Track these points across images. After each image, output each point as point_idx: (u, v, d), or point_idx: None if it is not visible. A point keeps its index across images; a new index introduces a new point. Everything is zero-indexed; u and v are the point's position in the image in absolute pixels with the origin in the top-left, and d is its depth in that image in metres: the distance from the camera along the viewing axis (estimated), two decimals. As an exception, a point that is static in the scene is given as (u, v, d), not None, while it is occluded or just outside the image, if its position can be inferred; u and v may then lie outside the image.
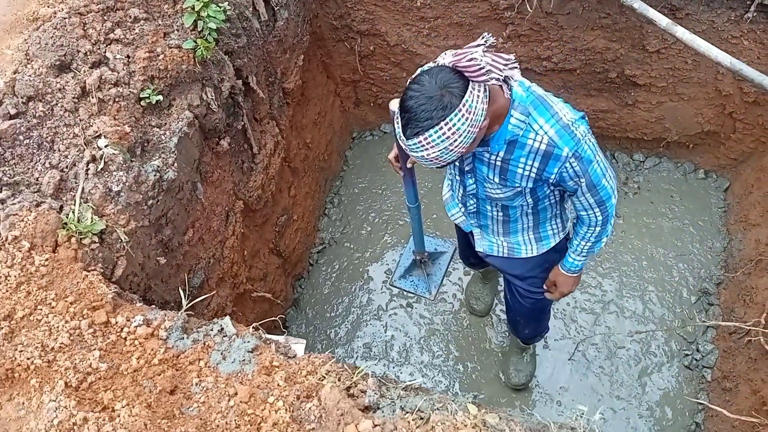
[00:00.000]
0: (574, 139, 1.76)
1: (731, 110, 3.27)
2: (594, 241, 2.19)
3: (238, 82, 2.43)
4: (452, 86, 1.54)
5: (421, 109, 1.55)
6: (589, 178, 1.86)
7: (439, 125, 1.54)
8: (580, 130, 1.78)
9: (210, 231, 2.48)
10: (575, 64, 3.21)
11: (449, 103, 1.53)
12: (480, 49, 1.55)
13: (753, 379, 2.84)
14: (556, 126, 1.76)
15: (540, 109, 1.77)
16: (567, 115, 1.78)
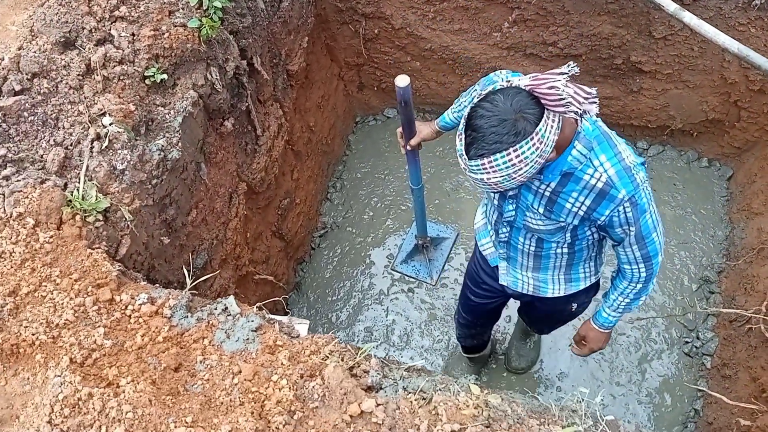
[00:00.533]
0: (633, 183, 1.66)
1: (736, 98, 3.26)
2: (633, 298, 2.06)
3: (242, 63, 2.42)
4: (528, 112, 1.45)
5: (491, 131, 1.47)
6: (639, 228, 1.77)
7: (507, 151, 1.47)
8: (640, 175, 1.69)
9: (213, 212, 2.48)
10: (581, 50, 3.19)
11: (523, 129, 1.45)
12: (563, 78, 1.48)
13: (753, 366, 2.85)
14: (617, 166, 1.65)
15: (604, 146, 1.67)
16: (629, 157, 1.68)
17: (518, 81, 1.54)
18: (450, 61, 3.55)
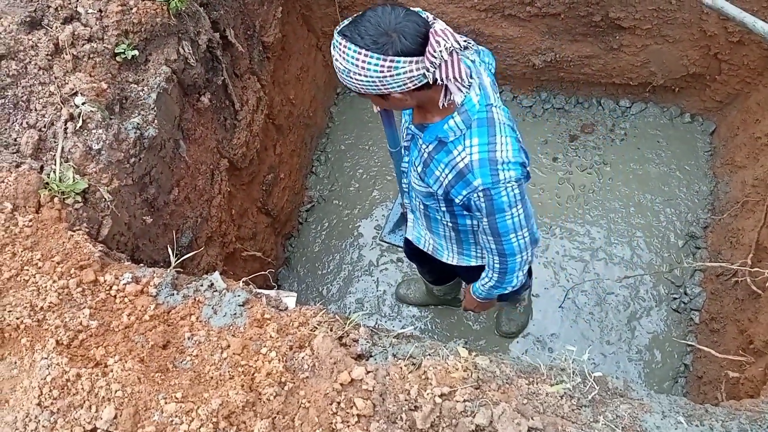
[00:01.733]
0: (493, 177, 1.67)
1: (716, 51, 3.24)
2: (494, 285, 2.08)
3: (215, 35, 2.37)
4: (405, 41, 1.47)
5: (366, 25, 1.48)
6: (494, 223, 1.78)
7: (360, 50, 1.47)
8: (507, 173, 1.68)
9: (196, 190, 2.46)
10: (559, 8, 3.15)
11: (383, 45, 1.46)
12: (457, 46, 1.49)
13: (740, 319, 2.89)
14: (483, 155, 1.66)
15: (482, 130, 1.67)
16: (504, 153, 1.67)
17: (433, 20, 1.54)
18: (429, 27, 3.50)
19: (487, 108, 1.69)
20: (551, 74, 3.68)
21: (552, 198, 3.68)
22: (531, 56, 3.55)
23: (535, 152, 3.80)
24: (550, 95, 3.91)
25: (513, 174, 1.69)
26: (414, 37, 1.49)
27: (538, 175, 3.74)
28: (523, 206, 1.79)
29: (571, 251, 3.53)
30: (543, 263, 3.51)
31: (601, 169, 3.72)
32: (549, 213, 3.64)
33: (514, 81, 3.86)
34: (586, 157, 3.76)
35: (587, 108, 3.89)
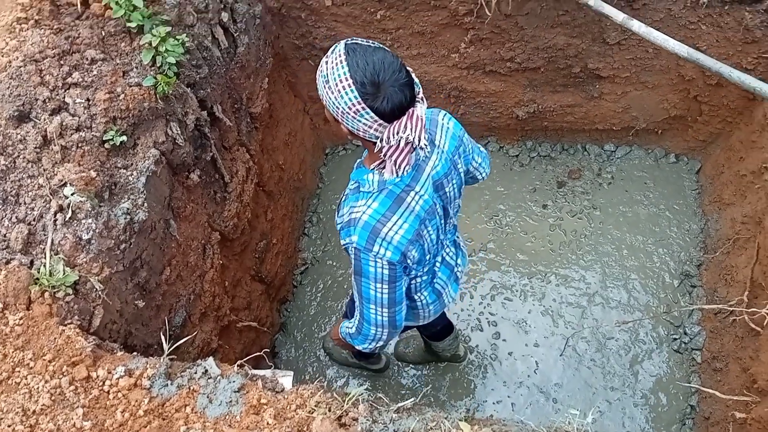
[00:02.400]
0: (368, 244, 1.71)
1: (696, 94, 3.31)
2: (349, 332, 2.08)
3: (203, 114, 2.41)
4: (385, 104, 1.50)
5: (371, 63, 1.48)
6: (359, 284, 1.83)
7: (348, 77, 1.49)
8: (382, 250, 1.72)
9: (188, 267, 2.45)
10: (539, 63, 3.22)
11: (368, 93, 1.49)
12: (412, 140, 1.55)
13: (741, 357, 2.87)
14: (372, 220, 1.70)
15: (385, 201, 1.71)
16: (391, 232, 1.71)
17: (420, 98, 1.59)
18: (412, 85, 3.57)
19: (405, 188, 1.73)
20: (535, 124, 3.74)
21: (545, 245, 3.69)
22: (514, 108, 3.61)
23: (525, 200, 3.82)
24: (535, 143, 3.96)
25: (387, 254, 1.73)
26: (395, 107, 1.52)
27: (530, 223, 3.76)
28: (389, 289, 1.82)
29: (568, 297, 3.53)
30: (541, 312, 3.49)
31: (591, 214, 3.74)
32: (543, 260, 3.64)
33: (500, 132, 3.91)
34: (575, 203, 3.79)
35: (573, 154, 3.94)
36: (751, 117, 3.24)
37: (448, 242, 2.19)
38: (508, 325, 3.49)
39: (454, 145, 1.89)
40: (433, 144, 1.82)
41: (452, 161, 1.87)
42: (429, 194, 1.80)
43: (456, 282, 2.30)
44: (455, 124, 1.92)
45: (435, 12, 3.00)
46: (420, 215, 1.77)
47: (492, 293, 3.59)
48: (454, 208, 2.02)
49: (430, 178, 1.80)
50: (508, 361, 3.39)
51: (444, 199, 1.90)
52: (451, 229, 2.16)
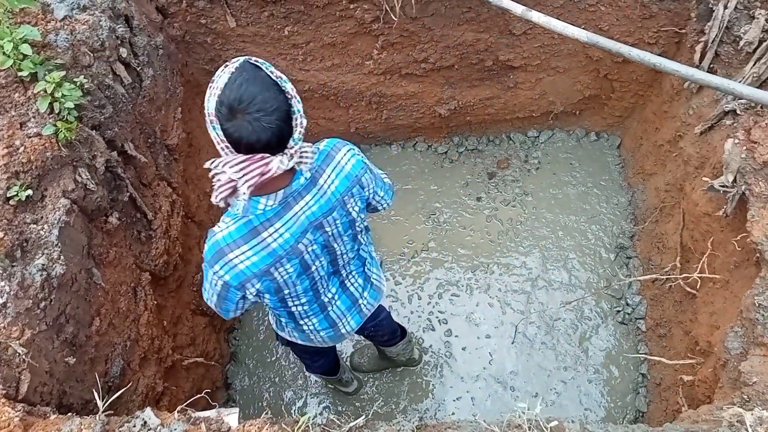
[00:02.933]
0: (211, 260, 1.76)
1: (605, 72, 3.41)
2: None
3: (113, 154, 2.32)
4: (237, 133, 1.50)
5: (246, 88, 1.48)
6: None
7: (219, 86, 1.53)
8: (221, 270, 1.76)
9: (119, 313, 2.36)
10: (452, 60, 3.25)
11: (228, 114, 1.50)
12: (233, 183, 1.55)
13: (682, 321, 2.97)
14: (222, 242, 1.72)
15: (240, 228, 1.71)
16: (236, 257, 1.73)
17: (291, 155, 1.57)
18: (332, 97, 3.55)
19: (264, 221, 1.72)
20: (458, 120, 3.78)
21: (483, 237, 3.73)
22: (435, 107, 3.64)
23: (459, 196, 3.86)
24: (462, 139, 4.01)
25: (226, 277, 1.76)
26: (241, 139, 1.49)
27: (466, 217, 3.80)
28: (218, 297, 1.89)
29: (512, 285, 3.58)
30: (488, 303, 3.53)
31: (524, 200, 3.81)
32: (484, 252, 3.68)
33: (425, 131, 3.94)
34: (507, 192, 3.85)
35: (499, 144, 4.00)
36: (661, 88, 3.35)
37: (356, 274, 2.20)
38: (459, 320, 3.51)
39: (346, 186, 1.85)
40: (314, 182, 1.78)
41: (340, 200, 1.85)
42: (292, 234, 1.77)
43: (359, 314, 2.30)
44: (356, 163, 1.88)
45: (342, 22, 2.98)
46: (276, 252, 1.76)
47: (439, 291, 3.61)
48: (346, 243, 2.00)
49: (301, 218, 1.77)
50: (462, 357, 3.41)
51: (326, 237, 1.89)
52: (355, 261, 2.15)
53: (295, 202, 1.74)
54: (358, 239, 2.07)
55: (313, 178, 1.78)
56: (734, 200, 2.28)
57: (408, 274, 3.67)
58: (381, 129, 3.88)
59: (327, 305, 2.16)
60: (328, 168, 1.82)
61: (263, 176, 1.52)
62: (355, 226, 1.97)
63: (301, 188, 1.74)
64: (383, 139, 4.02)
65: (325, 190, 1.80)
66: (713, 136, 2.67)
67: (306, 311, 2.12)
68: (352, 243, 2.04)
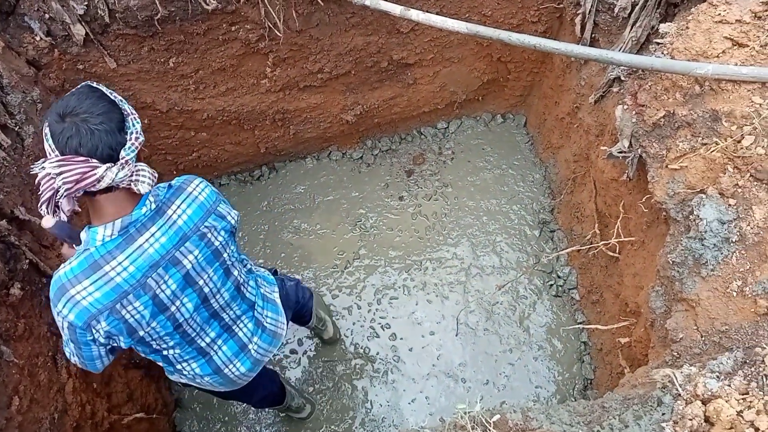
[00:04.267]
0: (55, 302, 1.70)
1: (498, 56, 3.47)
2: None
3: (1, 223, 2.18)
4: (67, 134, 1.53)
5: (78, 99, 1.58)
6: None
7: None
8: (64, 310, 1.69)
9: (40, 387, 2.23)
10: (347, 67, 3.24)
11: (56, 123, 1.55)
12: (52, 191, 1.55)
13: (611, 284, 3.05)
14: (64, 278, 1.67)
15: (82, 262, 1.67)
16: (79, 293, 1.67)
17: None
18: (234, 121, 3.47)
19: (105, 254, 1.67)
20: (367, 123, 3.77)
21: (412, 235, 3.73)
22: (341, 114, 3.62)
23: (381, 198, 3.86)
24: (374, 141, 4.00)
25: (70, 316, 1.68)
26: (68, 138, 1.52)
27: (392, 218, 3.79)
28: (75, 345, 1.80)
29: (447, 278, 3.59)
30: (427, 300, 3.54)
31: (445, 192, 3.84)
32: (414, 250, 3.69)
33: (337, 139, 3.91)
34: (427, 186, 3.87)
35: (411, 141, 4.02)
36: (553, 64, 3.44)
37: (245, 318, 2.14)
38: (401, 323, 3.51)
39: (200, 215, 1.82)
40: (160, 214, 1.74)
41: (194, 230, 1.81)
42: (138, 267, 1.70)
43: (249, 360, 2.22)
44: (209, 195, 1.88)
45: (227, 45, 2.91)
46: (121, 287, 1.69)
47: (377, 297, 3.59)
48: (215, 280, 1.93)
49: (149, 251, 1.72)
50: (410, 358, 3.41)
51: (184, 273, 1.82)
52: (240, 304, 2.10)
53: (138, 233, 1.69)
54: (234, 276, 2.00)
55: (160, 210, 1.74)
56: (634, 164, 2.35)
57: (344, 286, 3.64)
58: (291, 144, 3.83)
59: (207, 350, 2.07)
60: (177, 200, 1.79)
61: (84, 177, 1.51)
62: (221, 258, 1.91)
63: (145, 219, 1.70)
64: (296, 154, 3.97)
65: (174, 220, 1.76)
66: (606, 104, 2.76)
67: (180, 355, 2.03)
68: (225, 280, 1.96)
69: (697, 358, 1.90)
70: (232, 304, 2.06)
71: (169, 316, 1.85)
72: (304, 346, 3.47)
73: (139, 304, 1.74)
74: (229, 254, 1.94)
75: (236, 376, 2.21)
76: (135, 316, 1.76)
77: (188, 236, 1.79)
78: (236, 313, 2.10)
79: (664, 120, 2.16)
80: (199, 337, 2.01)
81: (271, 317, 2.25)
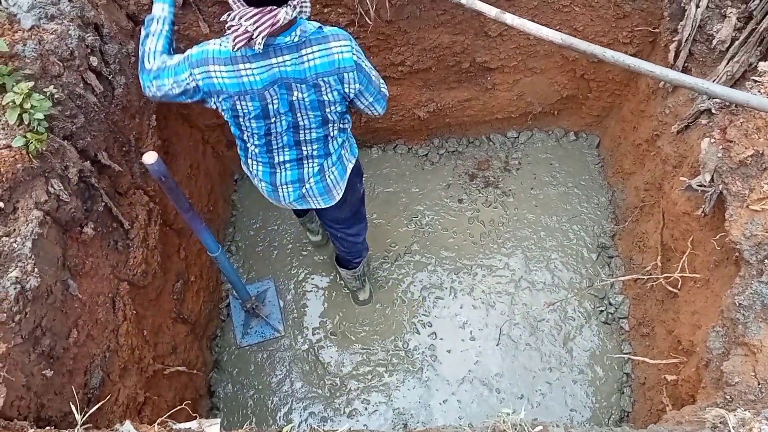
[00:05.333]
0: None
1: (582, 72, 3.42)
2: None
3: (86, 164, 2.28)
4: None
5: None
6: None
7: None
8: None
9: (98, 324, 2.32)
10: (429, 63, 3.25)
11: None
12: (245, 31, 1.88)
13: (665, 320, 2.98)
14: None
15: (226, 38, 2.03)
16: (210, 45, 2.09)
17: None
18: (310, 101, 3.53)
19: (246, 57, 2.01)
20: (438, 122, 3.78)
21: (466, 239, 3.73)
22: (415, 109, 3.64)
23: (441, 198, 3.86)
24: (442, 140, 4.01)
25: (200, 82, 2.11)
26: None
27: (448, 219, 3.80)
28: (162, 75, 2.22)
29: (496, 287, 3.58)
30: (472, 305, 3.53)
31: (505, 201, 3.82)
32: (467, 254, 3.68)
33: (406, 134, 3.93)
34: (488, 193, 3.85)
35: (479, 146, 4.01)
36: (637, 88, 3.37)
37: (316, 159, 2.42)
38: (443, 323, 3.51)
39: (325, 70, 2.07)
40: (297, 49, 2.01)
41: (313, 78, 2.07)
42: (261, 79, 2.05)
43: (299, 194, 2.53)
44: (346, 59, 2.07)
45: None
46: (244, 87, 2.07)
47: (423, 294, 3.60)
48: (311, 121, 2.24)
49: (273, 70, 2.04)
50: (447, 360, 3.41)
51: (290, 100, 2.14)
52: (320, 147, 2.38)
53: (274, 54, 2.01)
54: (328, 128, 2.30)
55: (299, 45, 2.01)
56: (712, 199, 2.30)
57: (392, 278, 3.66)
58: (360, 132, 3.87)
59: (276, 165, 2.43)
60: (316, 46, 2.04)
61: (273, 26, 1.86)
62: (324, 110, 2.19)
63: (284, 46, 2.00)
64: (363, 142, 4.00)
65: (304, 60, 2.04)
66: (690, 135, 2.69)
67: (257, 154, 2.41)
68: (319, 125, 2.27)
69: (752, 404, 1.85)
70: (314, 144, 2.35)
71: (266, 124, 2.22)
72: (343, 329, 3.51)
73: (251, 105, 2.13)
74: (332, 111, 2.21)
75: (283, 198, 2.57)
76: (243, 110, 2.15)
77: (306, 80, 2.07)
78: (312, 153, 2.39)
79: (751, 159, 2.10)
80: (276, 152, 2.37)
81: (335, 175, 2.51)
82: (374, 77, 2.25)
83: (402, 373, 3.38)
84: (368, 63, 2.22)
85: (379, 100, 2.33)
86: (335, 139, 2.39)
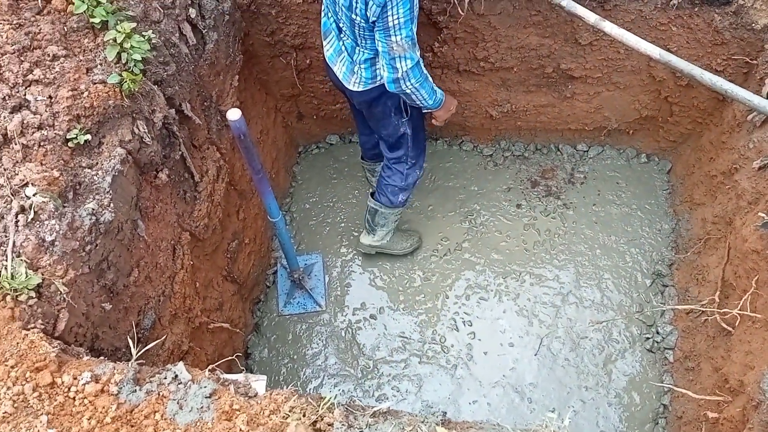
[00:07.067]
0: None
1: (666, 94, 3.34)
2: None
3: (171, 112, 2.34)
4: None
5: None
6: None
7: None
8: None
9: (157, 268, 2.39)
10: (512, 63, 3.22)
11: None
12: None
13: (713, 356, 2.90)
14: None
15: None
16: None
17: None
18: (385, 84, 3.54)
19: None
20: (509, 123, 3.75)
21: (519, 244, 3.69)
22: (488, 108, 3.61)
23: (499, 200, 3.83)
24: (509, 143, 3.97)
25: None
26: None
27: (504, 222, 3.76)
28: None
29: (542, 297, 3.53)
30: (516, 311, 3.50)
31: (565, 213, 3.76)
32: (517, 260, 3.65)
33: (474, 131, 3.91)
34: (548, 202, 3.80)
35: (546, 154, 3.95)
36: (721, 118, 3.28)
37: (348, 50, 2.69)
38: (483, 324, 3.49)
39: None
40: None
41: None
42: None
43: (344, 69, 2.79)
44: None
45: (410, 10, 2.97)
46: None
47: (467, 293, 3.58)
48: (345, 16, 2.50)
49: None
50: (483, 361, 3.39)
51: None
52: (350, 40, 2.63)
53: None
54: (355, 31, 2.53)
55: None
56: (789, 239, 2.22)
57: (438, 272, 3.66)
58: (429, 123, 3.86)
59: (336, 35, 2.74)
60: None
61: None
62: (353, 11, 2.41)
63: None
64: (430, 133, 3.99)
65: None
66: (773, 172, 2.60)
67: (329, 22, 2.74)
68: (349, 23, 2.51)
69: (804, 453, 1.79)
70: (348, 34, 2.62)
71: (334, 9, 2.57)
72: (384, 314, 3.53)
73: None
74: (357, 23, 2.45)
75: (337, 73, 2.83)
76: None
77: None
78: (347, 45, 2.68)
79: (840, 204, 2.02)
80: (341, 32, 2.67)
81: (361, 67, 2.70)
82: (393, 27, 2.31)
83: (436, 366, 3.38)
84: (400, 14, 2.27)
85: (386, 51, 2.41)
86: (363, 49, 2.60)
